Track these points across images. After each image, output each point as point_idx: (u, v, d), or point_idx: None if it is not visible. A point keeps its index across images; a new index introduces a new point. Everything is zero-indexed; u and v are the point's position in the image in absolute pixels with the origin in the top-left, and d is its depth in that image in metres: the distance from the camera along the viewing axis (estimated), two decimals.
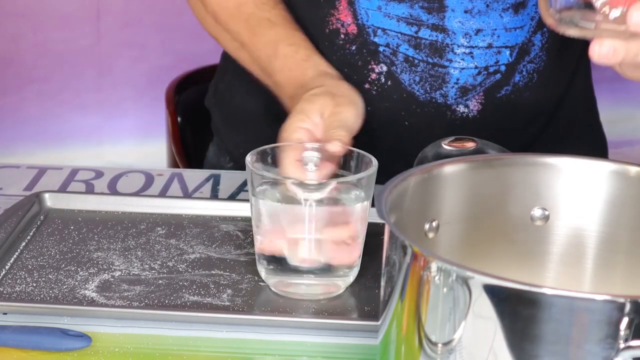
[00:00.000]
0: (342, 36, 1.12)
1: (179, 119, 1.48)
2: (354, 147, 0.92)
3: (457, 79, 1.11)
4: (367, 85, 1.12)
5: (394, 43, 1.10)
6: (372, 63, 1.12)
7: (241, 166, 1.26)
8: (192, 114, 1.48)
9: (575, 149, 0.88)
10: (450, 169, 0.71)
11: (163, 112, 1.50)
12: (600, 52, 0.75)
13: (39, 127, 2.50)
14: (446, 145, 0.87)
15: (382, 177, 1.16)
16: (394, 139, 1.15)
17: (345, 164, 0.91)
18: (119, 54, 2.49)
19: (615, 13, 0.74)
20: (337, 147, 0.91)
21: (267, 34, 1.10)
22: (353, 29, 1.11)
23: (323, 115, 0.95)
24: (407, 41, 1.10)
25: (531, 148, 1.18)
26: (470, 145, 0.87)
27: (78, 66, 2.49)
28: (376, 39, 1.11)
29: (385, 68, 1.11)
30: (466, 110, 1.12)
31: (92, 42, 2.47)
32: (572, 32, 0.77)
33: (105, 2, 2.45)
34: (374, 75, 1.12)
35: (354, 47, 1.12)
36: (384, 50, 1.11)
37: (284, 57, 1.07)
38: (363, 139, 0.96)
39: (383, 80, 1.12)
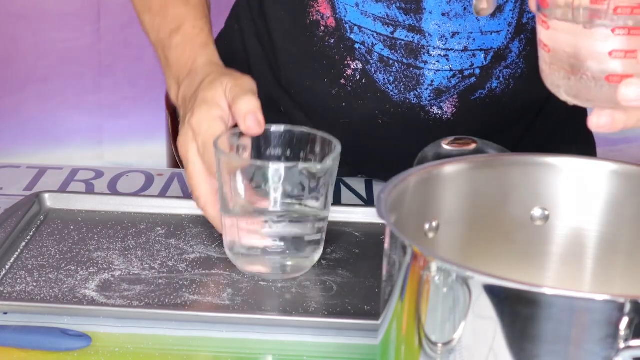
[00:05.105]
0: (322, 28, 1.11)
1: (179, 119, 1.48)
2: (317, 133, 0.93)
3: (432, 81, 1.10)
4: (342, 81, 1.12)
5: (369, 42, 1.10)
6: (348, 59, 1.11)
7: None
8: None
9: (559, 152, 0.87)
10: (450, 169, 0.71)
11: (163, 112, 1.50)
12: (599, 123, 0.72)
13: (39, 127, 2.50)
14: (446, 145, 0.87)
15: (354, 169, 1.17)
16: (367, 136, 1.15)
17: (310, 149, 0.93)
18: (119, 54, 2.49)
19: None
20: (255, 130, 0.91)
21: (178, 8, 1.09)
22: (332, 22, 1.10)
23: (227, 95, 0.94)
24: (382, 41, 1.09)
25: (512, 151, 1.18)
26: (470, 145, 0.87)
27: (78, 66, 2.49)
28: (352, 36, 1.10)
29: (360, 65, 1.11)
30: (440, 112, 1.12)
31: (93, 42, 2.47)
32: (569, 99, 0.74)
33: (106, 2, 2.45)
34: (349, 72, 1.12)
35: (332, 41, 1.11)
36: (359, 48, 1.10)
37: (183, 36, 1.06)
38: (338, 133, 0.95)
39: (358, 77, 1.12)
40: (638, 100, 0.69)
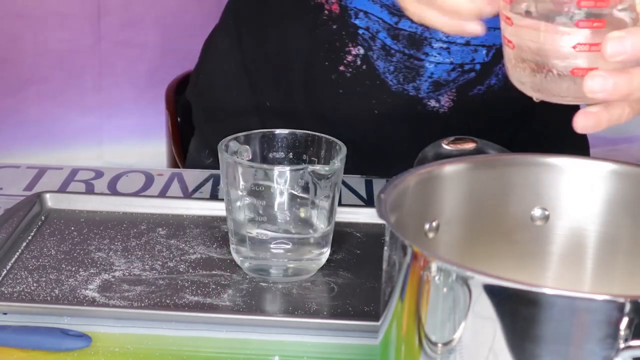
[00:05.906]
0: (326, 12, 1.11)
1: (178, 119, 1.48)
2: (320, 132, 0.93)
3: (432, 73, 1.10)
4: (341, 67, 1.12)
5: (373, 28, 1.10)
6: (350, 45, 1.11)
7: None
8: (192, 114, 1.48)
9: (553, 151, 0.87)
10: (450, 169, 0.71)
11: (163, 112, 1.50)
12: (585, 125, 0.72)
13: (39, 128, 2.50)
14: (446, 145, 0.87)
15: (347, 164, 1.18)
16: (361, 126, 1.14)
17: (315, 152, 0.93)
18: (119, 54, 2.50)
19: None
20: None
21: None
22: (336, 7, 1.10)
23: None
24: (386, 29, 1.09)
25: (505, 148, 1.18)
26: (470, 145, 0.87)
27: (78, 66, 2.49)
28: (357, 21, 1.10)
29: (362, 51, 1.11)
30: (437, 105, 1.12)
31: (92, 42, 2.48)
32: (536, 94, 0.74)
33: (106, 2, 2.45)
34: (350, 57, 1.12)
35: (335, 26, 1.11)
36: (363, 34, 1.10)
37: None
38: (331, 123, 0.95)
39: (359, 62, 1.12)
40: (604, 92, 0.69)
